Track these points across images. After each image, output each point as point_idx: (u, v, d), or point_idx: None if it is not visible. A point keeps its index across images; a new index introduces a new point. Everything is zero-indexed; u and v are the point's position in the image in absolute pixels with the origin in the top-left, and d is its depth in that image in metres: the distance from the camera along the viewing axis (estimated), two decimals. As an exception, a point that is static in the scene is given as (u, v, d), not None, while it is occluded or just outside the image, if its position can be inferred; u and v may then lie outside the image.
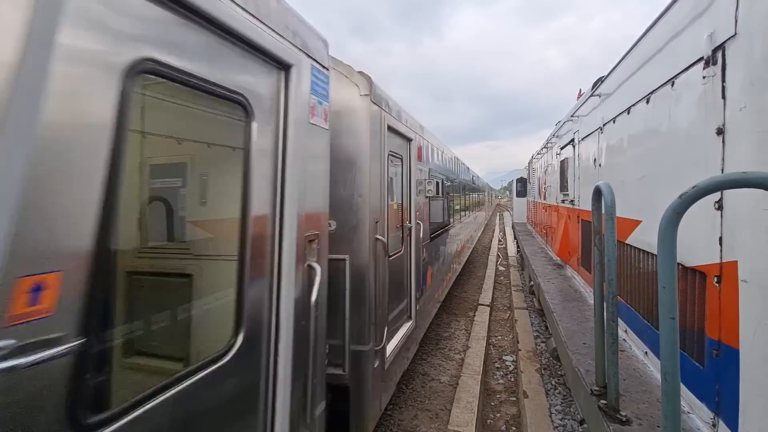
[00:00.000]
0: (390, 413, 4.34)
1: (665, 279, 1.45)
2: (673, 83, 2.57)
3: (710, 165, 2.10)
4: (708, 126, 2.12)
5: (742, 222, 1.85)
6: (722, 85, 2.01)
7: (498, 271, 12.42)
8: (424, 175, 4.95)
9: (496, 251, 15.98)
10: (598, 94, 4.41)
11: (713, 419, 2.05)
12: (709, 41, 2.10)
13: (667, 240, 1.44)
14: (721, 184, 1.43)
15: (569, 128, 6.38)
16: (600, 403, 2.34)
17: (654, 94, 2.88)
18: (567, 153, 6.58)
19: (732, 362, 1.87)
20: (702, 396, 2.18)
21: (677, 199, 1.41)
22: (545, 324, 6.47)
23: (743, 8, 1.87)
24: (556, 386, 4.93)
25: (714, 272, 2.04)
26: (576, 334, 3.65)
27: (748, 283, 1.78)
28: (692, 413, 2.25)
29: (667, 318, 1.44)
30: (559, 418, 4.22)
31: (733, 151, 1.94)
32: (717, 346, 2.01)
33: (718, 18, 2.06)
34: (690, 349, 2.28)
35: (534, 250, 9.24)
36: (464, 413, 4.14)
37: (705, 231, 2.10)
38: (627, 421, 2.22)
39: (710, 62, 2.10)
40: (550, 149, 8.87)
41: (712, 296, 2.06)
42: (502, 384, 5.33)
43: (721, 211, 2.00)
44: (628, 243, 3.30)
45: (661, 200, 2.61)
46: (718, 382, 2.01)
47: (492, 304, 8.59)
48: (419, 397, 4.73)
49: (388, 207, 3.41)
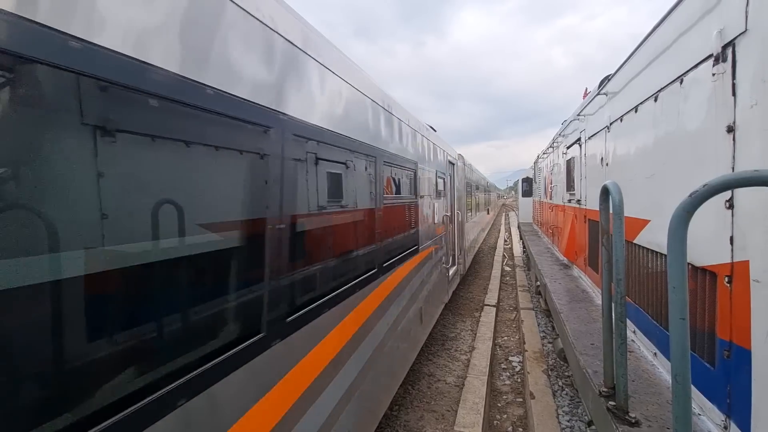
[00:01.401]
0: (396, 414, 4.33)
1: (675, 279, 1.43)
2: (681, 81, 2.54)
3: (720, 163, 2.07)
4: (718, 123, 2.09)
5: (754, 221, 1.82)
6: (732, 82, 1.98)
7: (504, 272, 12.37)
8: (463, 183, 9.68)
9: (502, 251, 15.91)
10: (605, 93, 4.37)
11: (725, 421, 2.02)
12: (718, 38, 2.07)
13: (677, 239, 1.43)
14: (732, 182, 1.41)
15: (575, 127, 6.33)
16: (609, 405, 2.32)
17: (662, 92, 2.84)
18: (573, 152, 6.53)
19: (744, 363, 1.84)
20: (713, 397, 2.14)
21: (687, 198, 1.39)
22: (552, 324, 6.42)
23: (754, 4, 1.84)
24: (563, 387, 4.89)
25: (725, 272, 2.01)
26: (583, 334, 3.62)
27: (761, 283, 1.75)
28: (703, 415, 2.22)
29: (678, 318, 1.42)
30: (567, 420, 4.19)
31: (744, 148, 1.91)
32: (728, 347, 1.98)
33: (728, 14, 2.03)
34: (700, 350, 2.25)
35: (540, 250, 9.18)
36: (470, 414, 4.12)
37: (715, 230, 2.07)
38: (636, 423, 2.19)
39: (720, 59, 2.07)
40: (556, 149, 8.82)
41: (723, 296, 2.03)
42: (509, 385, 5.30)
43: (732, 210, 1.97)
44: (636, 243, 3.26)
45: (670, 199, 2.58)
46: (729, 383, 1.98)
47: (498, 304, 8.55)
48: (425, 397, 4.72)
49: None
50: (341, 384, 2.55)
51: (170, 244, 1.37)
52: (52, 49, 1.00)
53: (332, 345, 2.46)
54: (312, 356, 2.20)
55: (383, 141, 3.65)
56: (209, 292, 1.57)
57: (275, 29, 1.93)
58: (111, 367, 1.18)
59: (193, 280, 1.51)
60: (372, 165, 3.36)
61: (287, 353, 1.97)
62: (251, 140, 1.78)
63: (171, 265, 1.38)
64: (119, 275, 1.22)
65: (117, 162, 1.19)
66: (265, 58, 1.87)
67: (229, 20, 1.62)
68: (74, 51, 1.03)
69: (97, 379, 1.15)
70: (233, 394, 1.56)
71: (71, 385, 1.09)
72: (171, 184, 1.39)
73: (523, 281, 10.50)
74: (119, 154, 1.20)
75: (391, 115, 3.95)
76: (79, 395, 1.09)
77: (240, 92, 1.66)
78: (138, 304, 1.30)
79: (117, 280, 1.22)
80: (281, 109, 1.96)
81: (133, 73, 1.20)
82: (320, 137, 2.41)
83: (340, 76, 2.71)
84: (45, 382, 1.03)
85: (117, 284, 1.23)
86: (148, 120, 1.27)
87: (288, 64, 2.06)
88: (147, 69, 1.24)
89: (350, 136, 2.85)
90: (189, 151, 1.46)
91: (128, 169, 1.23)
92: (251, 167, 1.78)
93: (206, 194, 1.54)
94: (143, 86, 1.23)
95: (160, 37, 1.30)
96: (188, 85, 1.39)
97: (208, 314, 1.54)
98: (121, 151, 1.21)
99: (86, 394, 1.11)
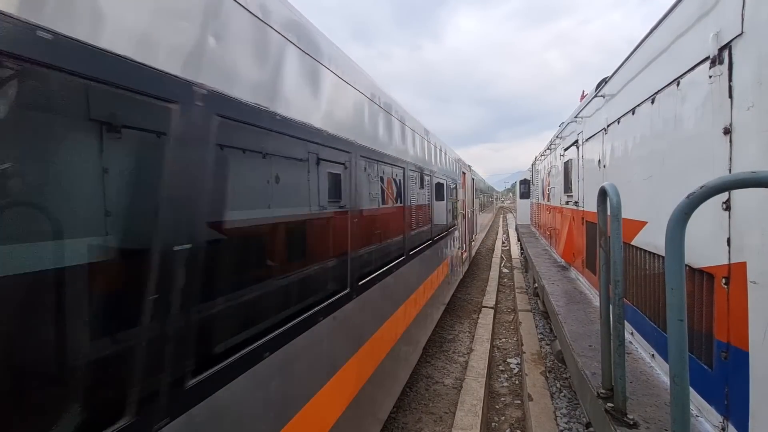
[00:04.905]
0: (394, 416, 4.31)
1: (673, 281, 1.43)
2: (678, 83, 2.55)
3: (717, 165, 2.08)
4: (715, 126, 2.10)
5: (751, 223, 1.82)
6: (729, 85, 1.99)
7: (502, 274, 12.37)
8: (470, 187, 11.83)
9: (500, 253, 15.92)
10: (602, 95, 4.39)
11: (722, 423, 2.02)
12: (715, 40, 2.08)
13: (674, 241, 1.43)
14: (729, 183, 1.41)
15: (573, 129, 6.36)
16: (607, 406, 2.32)
17: (659, 94, 2.85)
18: (571, 154, 6.55)
19: (741, 365, 1.84)
20: (711, 399, 2.15)
21: (685, 200, 1.40)
22: (550, 326, 6.42)
23: (750, 6, 1.85)
24: (561, 389, 4.89)
25: (722, 273, 2.01)
26: (581, 336, 3.62)
27: (758, 284, 1.76)
28: (701, 416, 2.22)
29: (676, 320, 1.42)
30: (565, 422, 4.18)
31: (741, 150, 1.92)
32: (726, 349, 1.98)
33: (724, 17, 2.04)
34: (698, 352, 2.25)
35: (538, 251, 9.19)
36: (468, 416, 4.11)
37: (712, 232, 2.08)
38: (634, 425, 2.19)
39: (716, 61, 2.08)
40: (553, 151, 8.84)
41: (720, 298, 2.04)
42: (507, 387, 5.30)
43: (729, 211, 1.97)
44: (633, 244, 3.27)
45: (667, 201, 2.59)
46: (727, 384, 1.98)
47: (496, 306, 8.55)
48: (423, 399, 4.70)
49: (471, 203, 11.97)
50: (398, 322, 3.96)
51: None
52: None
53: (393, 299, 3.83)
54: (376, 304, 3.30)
55: (432, 162, 5.96)
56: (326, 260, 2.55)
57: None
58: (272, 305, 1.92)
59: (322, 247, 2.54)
60: (426, 177, 5.53)
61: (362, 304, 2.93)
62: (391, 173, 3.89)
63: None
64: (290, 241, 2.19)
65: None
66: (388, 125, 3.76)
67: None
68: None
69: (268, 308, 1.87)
70: (333, 325, 2.43)
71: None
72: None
73: (521, 283, 10.51)
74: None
75: (443, 152, 6.99)
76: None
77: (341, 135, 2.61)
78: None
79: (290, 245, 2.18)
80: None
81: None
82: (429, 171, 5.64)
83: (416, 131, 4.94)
84: (189, 324, 1.31)
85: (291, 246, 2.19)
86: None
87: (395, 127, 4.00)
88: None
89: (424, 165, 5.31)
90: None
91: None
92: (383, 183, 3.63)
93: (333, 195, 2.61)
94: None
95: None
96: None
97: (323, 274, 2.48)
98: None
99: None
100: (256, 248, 1.91)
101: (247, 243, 1.84)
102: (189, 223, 1.34)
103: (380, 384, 3.27)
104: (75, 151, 1.08)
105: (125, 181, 1.21)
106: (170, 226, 1.27)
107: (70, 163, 1.07)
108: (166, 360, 1.23)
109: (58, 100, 1.01)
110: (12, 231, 0.94)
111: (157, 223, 1.24)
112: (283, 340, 1.84)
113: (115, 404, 1.10)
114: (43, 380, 0.99)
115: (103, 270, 1.13)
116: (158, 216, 1.24)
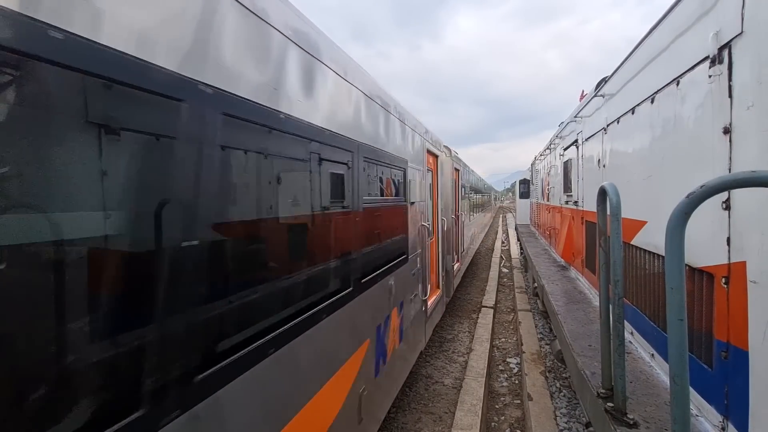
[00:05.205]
0: (393, 416, 4.31)
1: (673, 280, 1.43)
2: (678, 83, 2.55)
3: (717, 164, 2.08)
4: (715, 125, 2.10)
5: (751, 222, 1.82)
6: (729, 84, 1.99)
7: (501, 273, 12.38)
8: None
9: (499, 253, 15.93)
10: (601, 95, 4.39)
11: (722, 422, 2.02)
12: (715, 40, 2.08)
13: (674, 241, 1.43)
14: (729, 183, 1.41)
15: (572, 129, 6.36)
16: (606, 406, 2.32)
17: (659, 93, 2.85)
18: (570, 154, 6.56)
19: (741, 364, 1.84)
20: (711, 399, 2.15)
21: (685, 199, 1.39)
22: (549, 326, 6.43)
23: (750, 6, 1.85)
24: (561, 389, 4.89)
25: (722, 273, 2.01)
26: (581, 336, 3.62)
27: (758, 284, 1.76)
28: (701, 416, 2.22)
29: (676, 320, 1.42)
30: (565, 421, 4.18)
31: (741, 150, 1.92)
32: (725, 348, 1.98)
33: (724, 16, 2.04)
34: (698, 351, 2.25)
35: (537, 251, 9.20)
36: (468, 416, 4.11)
37: (712, 231, 2.08)
38: (634, 424, 2.19)
39: (716, 61, 2.08)
40: (553, 150, 8.84)
41: (720, 297, 2.04)
42: (507, 387, 5.30)
43: (728, 211, 1.97)
44: (633, 244, 3.27)
45: (667, 201, 2.59)
46: (727, 384, 1.98)
47: (495, 306, 8.55)
48: (423, 399, 4.70)
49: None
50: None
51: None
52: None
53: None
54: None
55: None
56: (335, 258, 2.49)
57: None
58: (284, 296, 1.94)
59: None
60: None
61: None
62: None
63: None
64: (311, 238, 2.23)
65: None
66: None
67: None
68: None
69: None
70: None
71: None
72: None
73: (521, 283, 10.51)
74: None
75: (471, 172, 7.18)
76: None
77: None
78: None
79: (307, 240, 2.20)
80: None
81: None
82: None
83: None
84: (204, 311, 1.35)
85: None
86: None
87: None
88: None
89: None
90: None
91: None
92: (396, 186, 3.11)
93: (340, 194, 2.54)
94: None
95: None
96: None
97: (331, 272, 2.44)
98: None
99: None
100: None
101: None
102: (198, 220, 1.35)
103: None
104: (91, 150, 1.07)
105: (145, 178, 1.21)
106: (179, 224, 1.28)
107: (90, 162, 1.06)
108: (181, 354, 1.26)
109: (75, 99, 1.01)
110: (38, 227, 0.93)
111: (168, 220, 1.24)
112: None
113: (128, 397, 1.12)
114: (59, 375, 0.99)
115: (119, 266, 1.15)
116: (167, 214, 1.25)
